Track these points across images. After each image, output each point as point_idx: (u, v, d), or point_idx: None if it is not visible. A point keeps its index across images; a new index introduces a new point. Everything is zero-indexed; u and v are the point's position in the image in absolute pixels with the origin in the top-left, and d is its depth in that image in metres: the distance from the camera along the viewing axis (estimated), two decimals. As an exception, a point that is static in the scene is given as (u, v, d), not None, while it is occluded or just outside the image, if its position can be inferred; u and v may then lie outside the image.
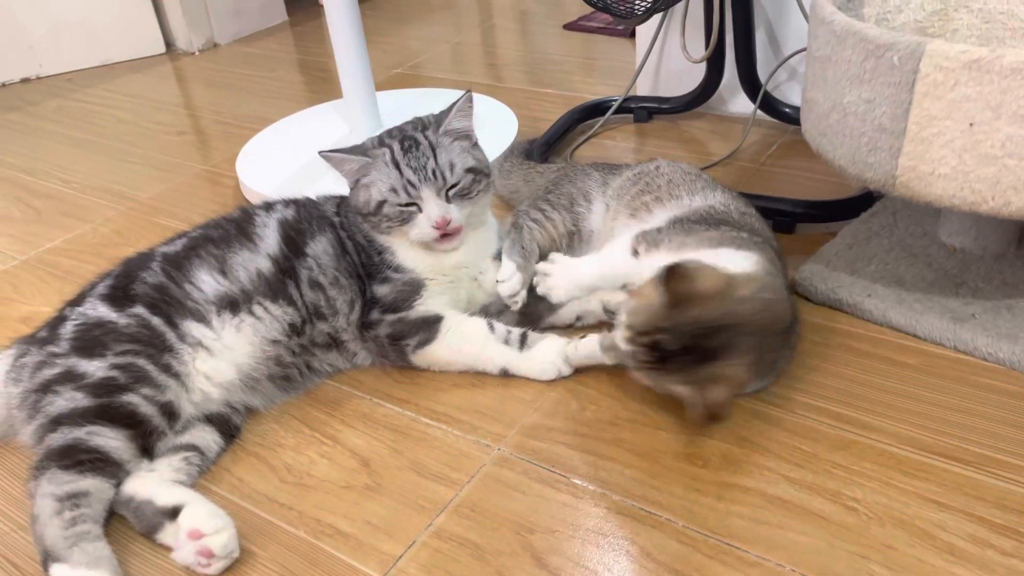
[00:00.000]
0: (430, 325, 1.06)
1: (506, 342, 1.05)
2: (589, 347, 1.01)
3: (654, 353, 0.87)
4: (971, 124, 0.88)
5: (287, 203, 1.14)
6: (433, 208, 1.05)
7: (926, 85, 0.90)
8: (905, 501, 0.84)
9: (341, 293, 1.07)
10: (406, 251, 1.09)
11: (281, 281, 1.05)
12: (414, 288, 1.07)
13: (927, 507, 0.83)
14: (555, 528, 0.86)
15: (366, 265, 1.10)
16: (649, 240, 1.00)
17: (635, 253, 1.00)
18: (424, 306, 1.07)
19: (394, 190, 1.04)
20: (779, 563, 0.79)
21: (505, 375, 1.06)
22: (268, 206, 1.14)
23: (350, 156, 1.07)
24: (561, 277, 1.07)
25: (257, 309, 1.03)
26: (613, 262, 1.04)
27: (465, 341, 1.06)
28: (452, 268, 1.10)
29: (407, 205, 1.05)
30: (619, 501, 0.88)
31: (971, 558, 0.78)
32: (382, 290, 1.08)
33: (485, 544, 0.85)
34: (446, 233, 1.05)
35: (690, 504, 0.87)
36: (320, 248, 1.09)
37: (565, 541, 0.84)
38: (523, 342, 1.05)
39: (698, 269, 0.87)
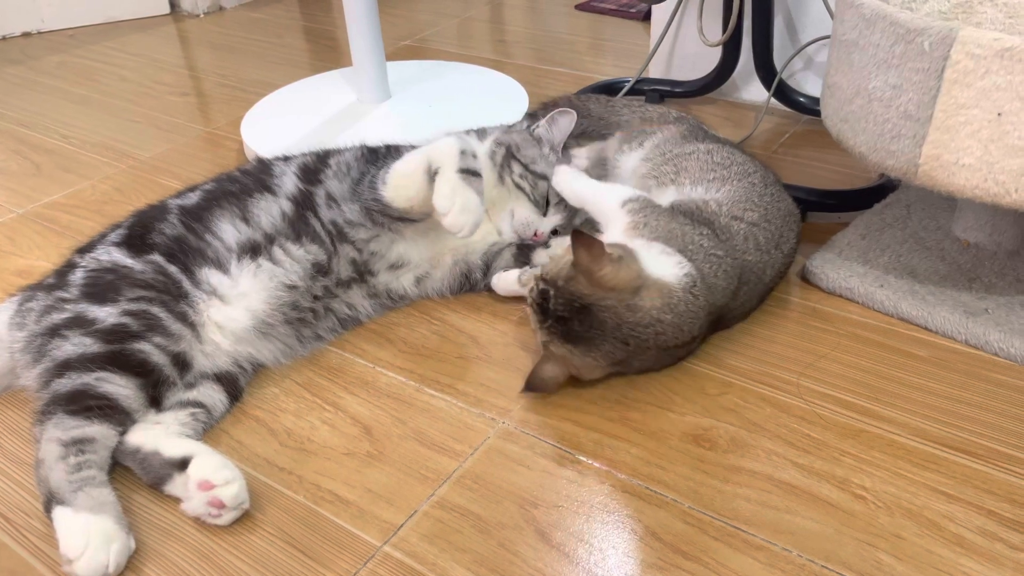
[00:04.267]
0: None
1: (462, 152, 1.04)
2: (509, 280, 1.11)
3: (541, 301, 0.94)
4: (999, 114, 0.87)
5: (308, 152, 1.15)
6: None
7: (956, 72, 0.88)
8: (914, 491, 0.83)
9: (340, 180, 1.09)
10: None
11: (302, 216, 1.05)
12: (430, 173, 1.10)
13: (936, 498, 0.83)
14: (559, 503, 0.85)
15: (394, 155, 1.12)
16: (633, 209, 1.02)
17: (622, 207, 1.04)
18: None
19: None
20: (785, 547, 0.79)
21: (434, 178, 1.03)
22: (286, 158, 1.14)
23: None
24: (566, 174, 1.16)
25: (277, 252, 1.03)
26: (603, 199, 1.09)
27: (428, 146, 1.06)
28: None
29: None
30: (624, 479, 0.87)
31: (979, 550, 0.77)
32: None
33: (488, 516, 0.83)
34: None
35: (696, 485, 0.86)
36: (348, 154, 1.13)
37: (569, 517, 0.83)
38: (473, 174, 1.03)
39: (614, 256, 0.91)
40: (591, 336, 0.91)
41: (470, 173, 1.02)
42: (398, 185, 1.04)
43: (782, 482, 0.85)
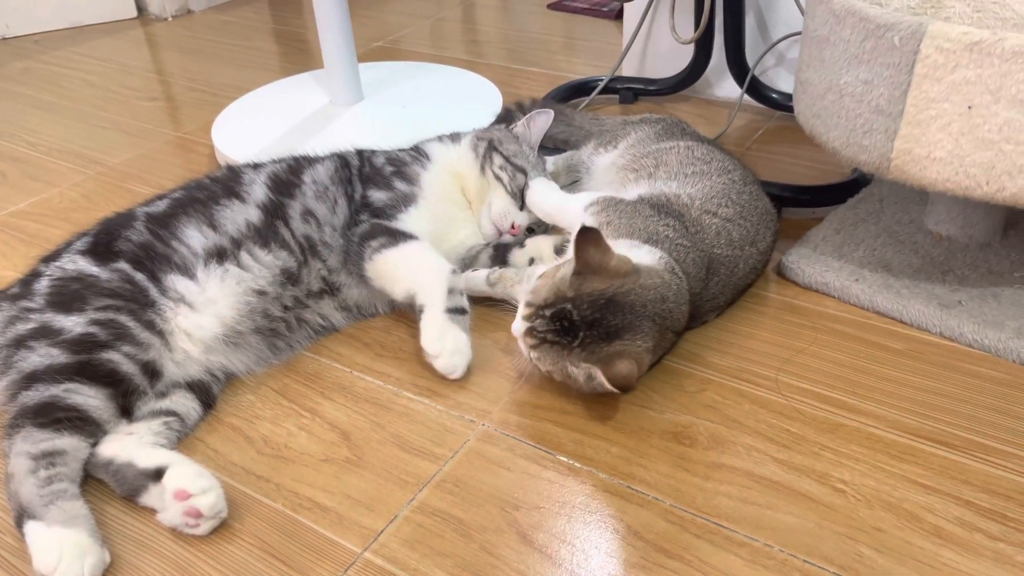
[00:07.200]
0: (400, 235, 1.06)
1: (450, 291, 1.01)
2: (477, 279, 1.10)
3: (558, 324, 0.88)
4: (969, 107, 0.88)
5: (278, 160, 1.15)
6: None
7: (926, 67, 0.89)
8: (893, 484, 0.84)
9: (324, 203, 1.09)
10: (440, 173, 1.17)
11: (271, 225, 1.05)
12: (408, 200, 1.11)
13: (914, 490, 0.83)
14: (541, 505, 0.84)
15: (368, 175, 1.13)
16: (596, 212, 1.03)
17: (585, 211, 1.04)
18: (406, 224, 1.09)
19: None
20: (767, 543, 0.79)
21: (419, 315, 1.01)
22: (256, 165, 1.13)
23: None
24: (538, 190, 1.16)
25: (244, 257, 1.02)
26: (568, 208, 1.09)
27: (421, 260, 1.04)
28: (458, 211, 1.17)
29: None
30: (605, 479, 0.86)
31: (959, 541, 0.78)
32: (378, 195, 1.11)
33: (469, 520, 0.83)
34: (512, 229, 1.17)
35: (677, 483, 0.85)
36: (321, 169, 1.13)
37: (551, 518, 0.83)
38: (460, 312, 1.01)
39: (609, 246, 0.91)
40: (630, 321, 0.88)
41: (457, 311, 1.01)
42: (381, 275, 1.04)
43: (762, 478, 0.85)
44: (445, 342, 0.98)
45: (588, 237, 0.89)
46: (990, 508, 0.81)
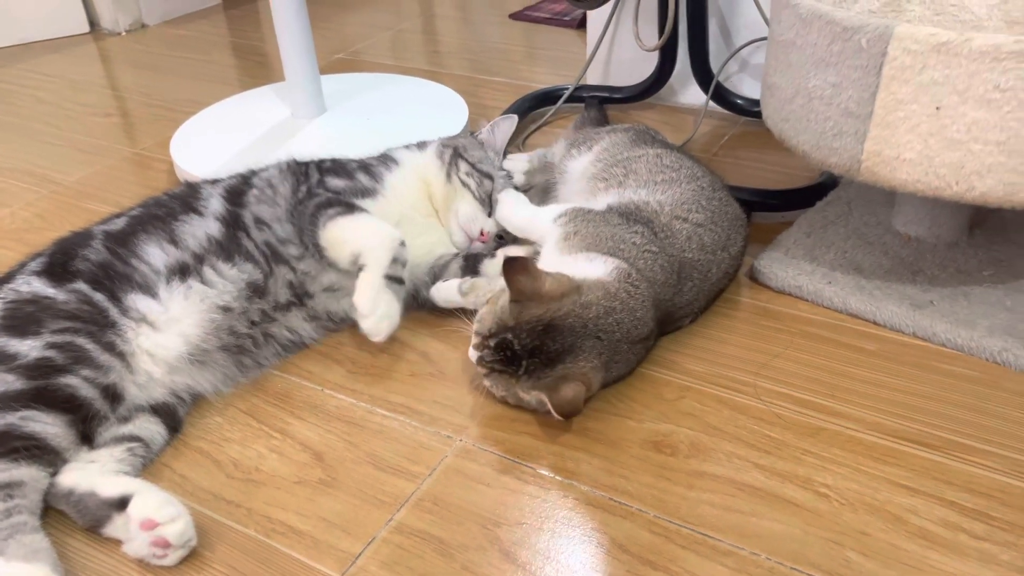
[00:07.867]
0: (357, 208, 1.06)
1: (394, 259, 1.02)
2: (449, 289, 1.07)
3: (502, 354, 0.89)
4: (937, 108, 0.88)
5: (236, 174, 1.13)
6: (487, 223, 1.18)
7: (894, 68, 0.89)
8: (875, 487, 0.83)
9: (265, 201, 1.07)
10: (406, 177, 1.16)
11: (233, 237, 1.02)
12: (367, 193, 1.11)
13: (898, 492, 0.83)
14: (523, 520, 0.82)
15: (330, 167, 1.14)
16: (564, 222, 1.02)
17: (554, 222, 1.04)
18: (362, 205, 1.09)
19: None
20: (753, 551, 0.78)
21: (359, 273, 1.02)
22: (214, 181, 1.11)
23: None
24: (507, 204, 1.14)
25: (208, 273, 0.99)
26: (538, 221, 1.08)
27: (372, 226, 1.04)
28: (422, 217, 1.16)
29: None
30: (587, 492, 0.85)
31: (944, 542, 0.77)
32: (337, 182, 1.11)
33: (450, 539, 0.81)
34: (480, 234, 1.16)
35: (660, 493, 0.84)
36: (272, 171, 1.12)
37: (533, 534, 0.81)
38: (398, 281, 1.03)
39: (539, 271, 0.91)
40: (571, 343, 0.88)
41: (394, 280, 1.02)
42: (332, 241, 1.04)
43: (745, 485, 0.84)
44: (378, 304, 0.99)
45: (515, 267, 0.89)
46: (973, 508, 0.81)
